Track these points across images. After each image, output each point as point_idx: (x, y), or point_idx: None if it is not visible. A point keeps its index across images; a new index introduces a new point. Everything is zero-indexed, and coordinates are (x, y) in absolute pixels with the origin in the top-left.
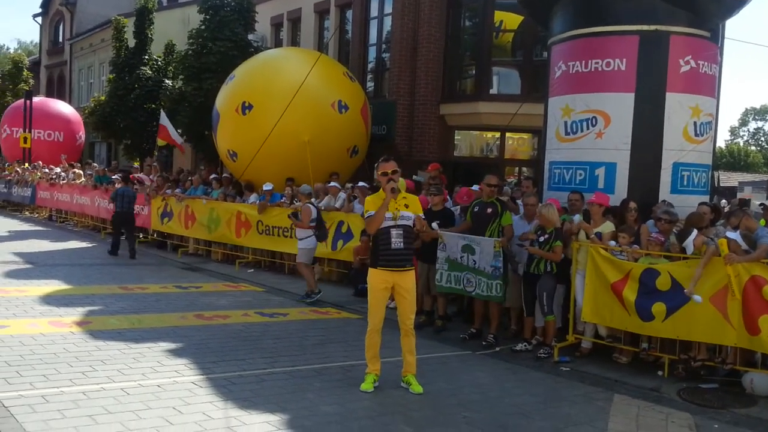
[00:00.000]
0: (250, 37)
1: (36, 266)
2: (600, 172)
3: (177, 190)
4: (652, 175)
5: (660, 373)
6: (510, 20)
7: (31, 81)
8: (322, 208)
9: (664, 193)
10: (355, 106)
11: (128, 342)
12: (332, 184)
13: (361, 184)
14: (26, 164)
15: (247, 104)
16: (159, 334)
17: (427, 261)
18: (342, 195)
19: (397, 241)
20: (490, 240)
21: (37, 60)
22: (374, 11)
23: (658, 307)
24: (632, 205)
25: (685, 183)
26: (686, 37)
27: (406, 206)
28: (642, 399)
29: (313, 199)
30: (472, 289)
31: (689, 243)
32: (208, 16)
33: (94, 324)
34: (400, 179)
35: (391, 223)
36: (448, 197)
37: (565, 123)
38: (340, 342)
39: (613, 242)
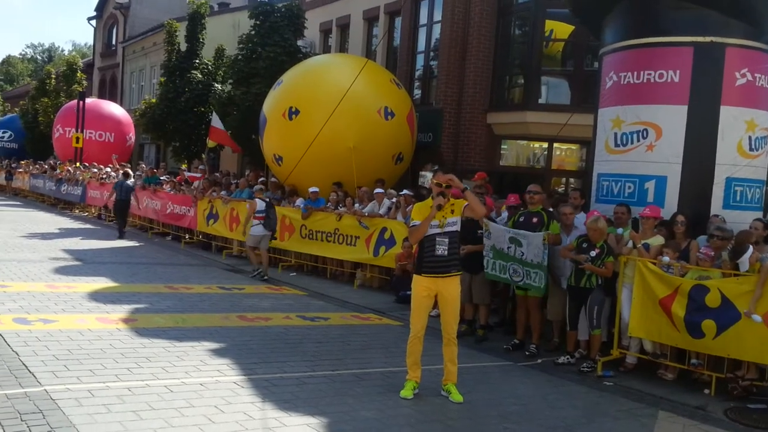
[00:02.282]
0: (299, 42)
1: (84, 263)
2: (650, 185)
3: (223, 193)
4: (704, 190)
5: (707, 391)
6: (561, 29)
7: (85, 82)
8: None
9: (716, 208)
10: (402, 112)
11: (172, 340)
12: (378, 190)
13: (405, 192)
14: (77, 163)
15: (293, 109)
16: (202, 333)
17: (470, 270)
18: (387, 202)
19: (441, 248)
20: (538, 234)
21: (90, 62)
22: (423, 18)
23: (708, 324)
24: (680, 218)
25: (738, 198)
26: (742, 49)
27: (452, 212)
28: (687, 417)
29: (264, 195)
30: (520, 279)
31: (744, 260)
32: (258, 22)
33: (139, 321)
34: None
35: (437, 230)
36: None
37: (615, 134)
38: (381, 348)
39: (666, 258)
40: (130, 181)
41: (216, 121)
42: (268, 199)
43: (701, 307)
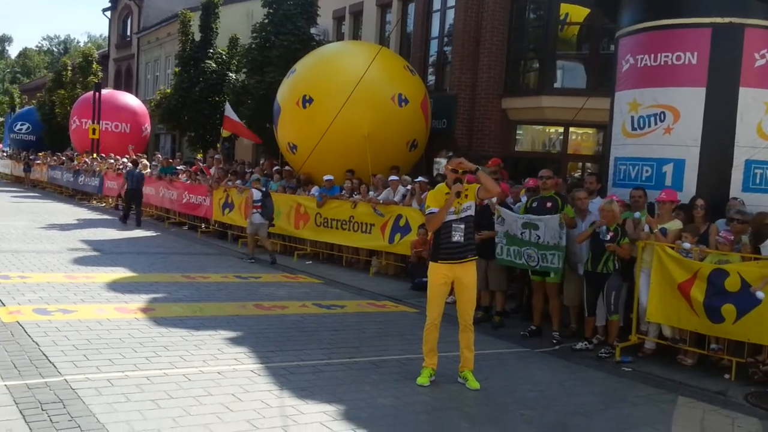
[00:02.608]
0: (313, 30)
1: (102, 254)
2: (668, 168)
3: (238, 182)
4: (723, 173)
5: (727, 376)
6: (576, 12)
7: (100, 74)
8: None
9: (735, 191)
10: (416, 99)
11: (190, 329)
12: (392, 177)
13: (420, 179)
14: (94, 154)
15: (307, 97)
16: (219, 322)
17: (486, 256)
18: (402, 189)
19: (457, 234)
20: (555, 216)
21: (105, 53)
22: (437, 4)
23: (728, 309)
24: (699, 202)
25: (758, 181)
26: (762, 29)
27: (466, 197)
28: (707, 402)
29: (260, 185)
30: (536, 264)
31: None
32: (271, 10)
33: (157, 311)
34: None
35: (453, 217)
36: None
37: (632, 118)
38: (397, 335)
39: (687, 244)
40: (140, 170)
41: (229, 111)
42: (264, 189)
43: (721, 291)
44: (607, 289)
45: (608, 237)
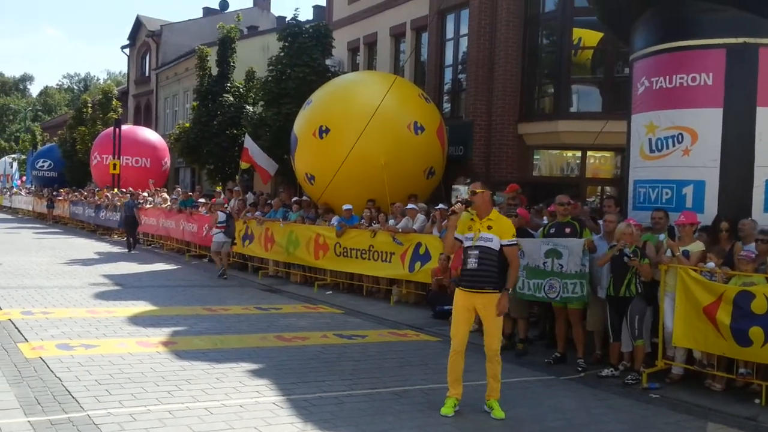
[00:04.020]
0: (328, 62)
1: (124, 288)
2: (688, 190)
3: (257, 213)
4: (744, 194)
5: (757, 401)
6: (589, 37)
7: (120, 110)
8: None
9: (757, 212)
10: (431, 127)
11: (211, 362)
12: (410, 206)
13: (440, 206)
14: (115, 189)
15: (324, 128)
16: (241, 354)
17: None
18: (420, 217)
19: (471, 261)
20: (579, 240)
21: (125, 89)
22: (450, 33)
23: (756, 331)
24: (723, 225)
25: None
26: None
27: (489, 228)
28: (738, 428)
29: (225, 206)
30: (556, 295)
31: None
32: (286, 43)
33: (179, 344)
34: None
35: (470, 243)
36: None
37: (650, 140)
38: (420, 365)
39: (711, 264)
40: (134, 200)
41: (249, 143)
42: (228, 212)
43: (747, 314)
44: (630, 314)
45: (626, 260)
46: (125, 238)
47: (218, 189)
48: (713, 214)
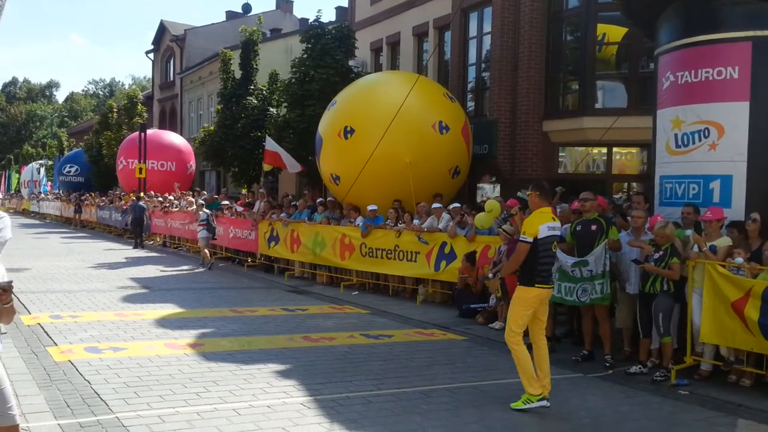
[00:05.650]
0: (351, 63)
1: (151, 290)
2: (715, 185)
3: (282, 215)
4: None
5: None
6: (613, 33)
7: (145, 114)
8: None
9: None
10: (456, 126)
11: (239, 363)
12: (436, 205)
13: (455, 204)
14: (141, 193)
15: (348, 128)
16: (268, 355)
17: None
18: (446, 216)
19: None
20: (599, 248)
21: (150, 94)
22: (473, 31)
23: None
24: (753, 215)
25: None
26: None
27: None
28: None
29: (204, 208)
30: (587, 298)
31: None
32: (309, 45)
33: (206, 346)
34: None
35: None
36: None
37: (676, 135)
38: (446, 364)
39: (739, 259)
40: (141, 202)
41: (270, 143)
42: (209, 212)
43: None
44: (655, 311)
45: (656, 256)
46: (133, 239)
47: (243, 191)
48: (741, 208)
